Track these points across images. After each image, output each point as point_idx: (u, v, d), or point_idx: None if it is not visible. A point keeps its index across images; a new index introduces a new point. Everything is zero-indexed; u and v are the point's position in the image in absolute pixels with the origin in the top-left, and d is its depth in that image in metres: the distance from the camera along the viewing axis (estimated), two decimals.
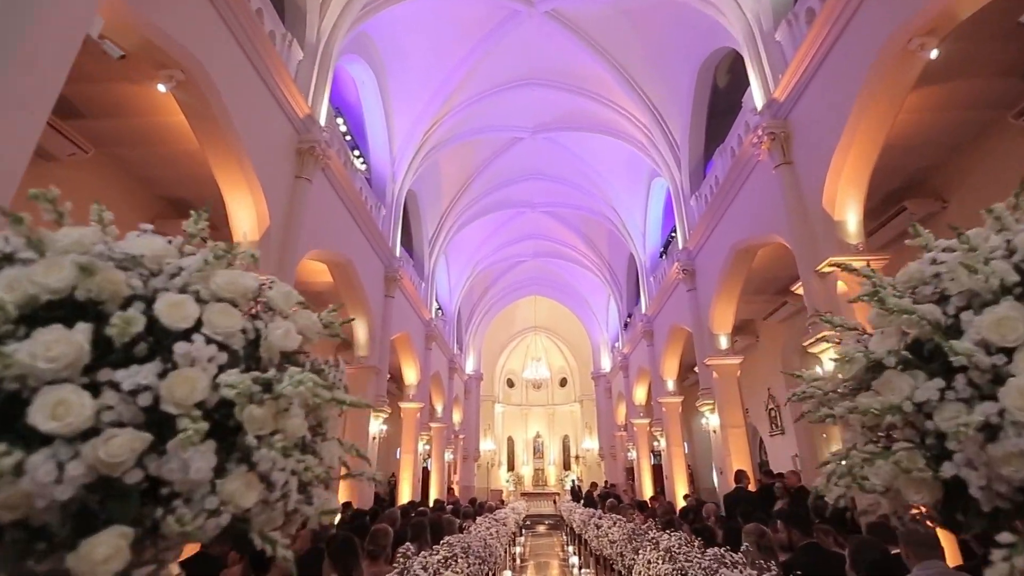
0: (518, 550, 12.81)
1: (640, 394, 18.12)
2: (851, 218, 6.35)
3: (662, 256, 15.28)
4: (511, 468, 29.05)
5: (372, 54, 11.04)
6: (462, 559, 3.68)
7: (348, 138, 11.38)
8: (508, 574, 9.19)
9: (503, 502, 18.72)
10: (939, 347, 0.99)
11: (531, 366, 26.06)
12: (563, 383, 30.42)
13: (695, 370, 12.56)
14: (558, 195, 17.95)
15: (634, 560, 3.93)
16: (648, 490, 16.77)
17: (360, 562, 3.11)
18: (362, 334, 10.61)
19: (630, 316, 19.51)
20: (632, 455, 19.19)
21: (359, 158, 11.91)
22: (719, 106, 11.74)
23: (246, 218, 6.53)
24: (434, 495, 16.48)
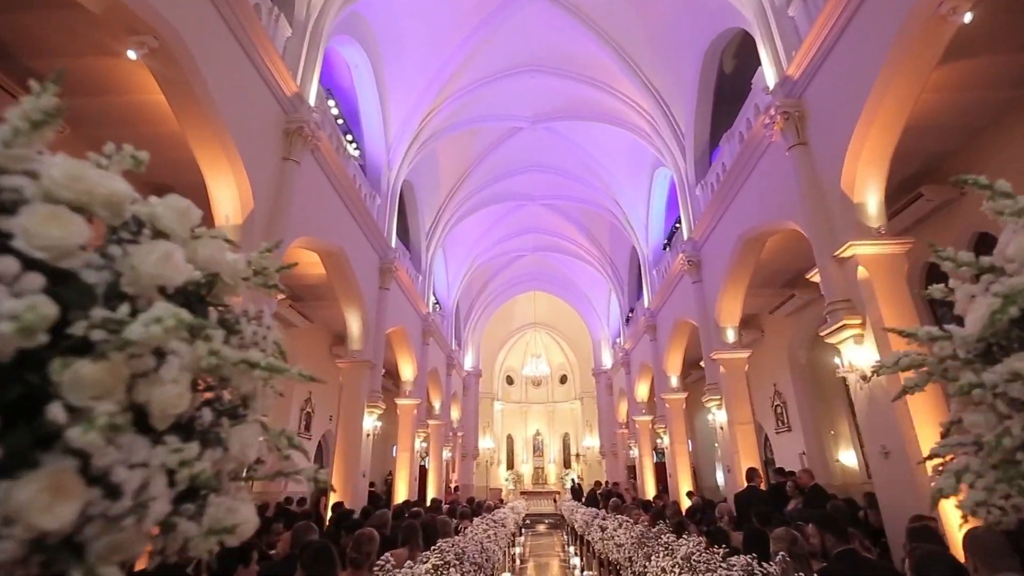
0: (518, 550, 12.46)
1: (642, 391, 17.77)
2: (871, 200, 5.97)
3: (665, 248, 14.90)
4: (510, 466, 28.75)
5: (366, 36, 10.64)
6: (455, 567, 3.30)
7: (340, 122, 10.98)
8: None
9: (502, 501, 18.38)
10: None
11: (531, 363, 25.71)
12: (563, 380, 30.10)
13: (700, 364, 12.20)
14: (558, 187, 17.56)
15: (645, 567, 3.56)
16: (651, 489, 16.42)
17: (338, 572, 2.74)
18: (355, 327, 10.23)
19: (632, 311, 19.15)
20: (634, 453, 18.84)
21: (352, 143, 11.52)
22: (725, 93, 11.36)
23: (228, 200, 6.15)
24: (432, 494, 16.13)
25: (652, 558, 3.45)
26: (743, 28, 8.95)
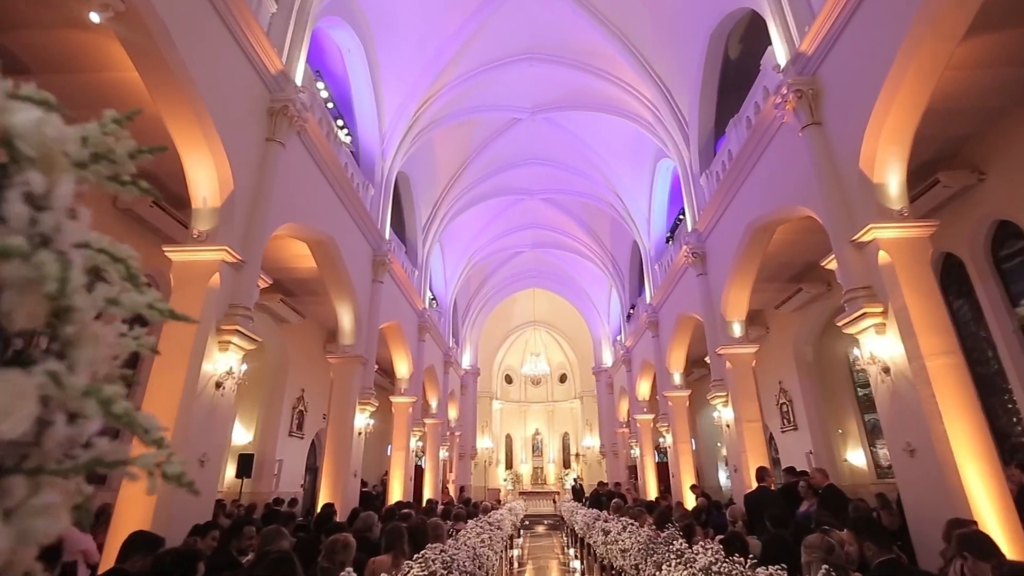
0: (516, 552, 12.06)
1: (644, 389, 17.39)
2: (892, 180, 5.58)
3: (668, 242, 14.50)
4: (509, 466, 28.38)
5: (359, 19, 10.24)
6: None
7: (331, 106, 10.57)
8: None
9: (499, 502, 17.98)
10: None
11: (530, 361, 25.29)
12: (563, 379, 29.73)
13: (705, 361, 11.82)
14: (558, 181, 17.17)
15: None
16: (652, 489, 16.03)
17: None
18: (347, 321, 9.83)
19: (633, 307, 18.76)
20: (635, 452, 18.45)
21: (343, 128, 11.11)
22: (730, 80, 10.96)
23: (205, 181, 5.75)
24: (428, 494, 15.74)
25: (663, 567, 3.06)
26: (750, 8, 8.56)
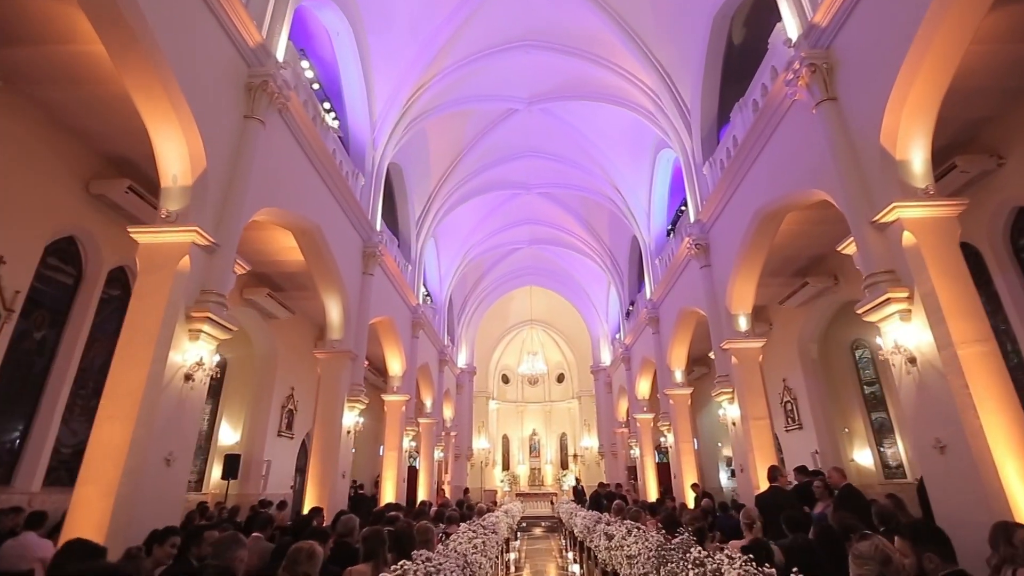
0: (512, 556, 11.63)
1: (643, 387, 16.97)
2: (916, 157, 5.20)
3: (669, 235, 14.10)
4: (506, 467, 27.96)
5: (348, 1, 9.81)
6: None
7: (317, 87, 10.13)
8: None
9: (495, 503, 17.54)
10: None
11: (527, 361, 24.90)
12: (560, 379, 29.34)
13: (709, 356, 11.41)
14: (556, 174, 16.76)
15: None
16: (652, 489, 15.61)
17: None
18: (335, 314, 9.39)
19: (632, 304, 18.35)
20: (635, 452, 18.03)
21: (331, 112, 10.66)
22: (734, 66, 10.57)
23: (175, 158, 5.32)
24: (423, 496, 15.29)
25: None
26: None
